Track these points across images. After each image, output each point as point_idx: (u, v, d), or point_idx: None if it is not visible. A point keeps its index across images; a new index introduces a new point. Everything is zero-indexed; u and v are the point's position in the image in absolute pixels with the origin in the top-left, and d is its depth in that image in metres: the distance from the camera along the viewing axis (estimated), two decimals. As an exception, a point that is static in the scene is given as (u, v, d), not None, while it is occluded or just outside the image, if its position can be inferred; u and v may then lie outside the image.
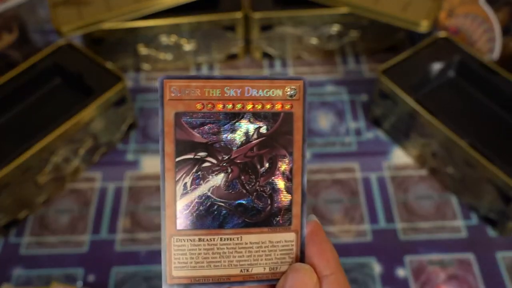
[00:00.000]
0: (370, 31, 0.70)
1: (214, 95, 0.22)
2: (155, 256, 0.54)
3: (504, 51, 0.63)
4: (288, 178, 0.23)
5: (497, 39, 0.62)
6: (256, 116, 0.23)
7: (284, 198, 0.24)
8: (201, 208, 0.23)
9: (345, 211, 0.57)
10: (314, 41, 0.71)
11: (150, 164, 0.61)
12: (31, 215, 0.57)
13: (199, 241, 0.23)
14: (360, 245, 0.54)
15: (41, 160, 0.54)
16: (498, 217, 0.53)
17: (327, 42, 0.71)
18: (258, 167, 0.23)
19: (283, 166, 0.23)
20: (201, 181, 0.23)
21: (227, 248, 0.24)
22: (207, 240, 0.23)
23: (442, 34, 0.62)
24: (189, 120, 0.23)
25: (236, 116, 0.23)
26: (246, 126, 0.23)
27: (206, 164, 0.23)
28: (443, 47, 0.61)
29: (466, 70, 0.60)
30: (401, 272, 0.52)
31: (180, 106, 0.23)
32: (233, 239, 0.24)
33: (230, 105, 0.23)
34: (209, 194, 0.23)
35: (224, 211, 0.23)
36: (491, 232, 0.55)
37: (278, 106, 0.23)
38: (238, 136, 0.23)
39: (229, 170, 0.23)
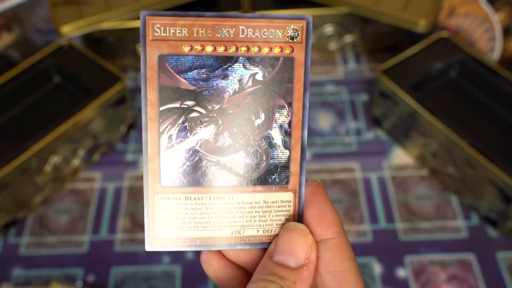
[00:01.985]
0: (370, 31, 0.69)
1: (204, 35, 0.19)
2: (155, 256, 0.53)
3: (505, 51, 0.63)
4: (286, 132, 0.21)
5: (497, 39, 0.62)
6: (251, 60, 0.20)
7: (281, 154, 0.21)
8: (188, 163, 0.20)
9: (345, 211, 0.57)
10: (314, 41, 0.71)
11: (150, 164, 0.61)
12: (31, 215, 0.57)
13: (185, 199, 0.21)
14: (360, 245, 0.54)
15: (40, 160, 0.54)
16: (498, 217, 0.53)
17: (327, 42, 0.71)
18: (253, 118, 0.20)
19: (281, 118, 0.20)
20: (188, 134, 0.20)
21: (216, 208, 0.21)
22: (195, 199, 0.21)
23: (442, 33, 0.62)
24: (175, 63, 0.20)
25: (229, 60, 0.20)
26: (239, 72, 0.20)
27: (194, 114, 0.20)
28: (443, 47, 0.61)
29: (467, 70, 0.60)
30: (401, 272, 0.52)
31: (164, 47, 0.19)
32: (224, 198, 0.21)
33: (222, 48, 0.19)
34: (197, 148, 0.20)
35: (213, 167, 0.21)
36: (491, 232, 0.55)
37: (277, 50, 0.20)
38: (230, 83, 0.20)
39: (220, 122, 0.20)
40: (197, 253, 0.55)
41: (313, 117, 0.66)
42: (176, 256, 0.54)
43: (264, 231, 0.21)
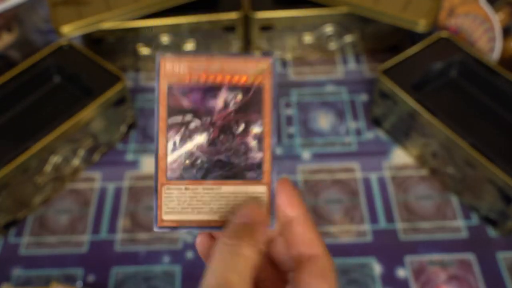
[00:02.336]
0: (370, 31, 0.69)
1: (199, 69, 0.28)
2: (155, 256, 0.53)
3: (505, 51, 0.63)
4: (260, 139, 0.28)
5: (497, 39, 0.62)
6: (233, 87, 0.28)
7: (256, 155, 0.28)
8: (187, 161, 0.28)
9: (345, 211, 0.57)
10: (314, 41, 0.71)
11: (150, 164, 0.61)
12: (31, 215, 0.57)
13: (185, 189, 0.28)
14: (360, 245, 0.54)
15: (40, 160, 0.54)
16: (498, 217, 0.53)
17: (327, 42, 0.71)
18: (235, 129, 0.28)
19: (255, 129, 0.28)
20: (188, 140, 0.28)
21: (208, 196, 0.28)
22: (192, 189, 0.28)
23: (442, 33, 0.62)
24: (179, 90, 0.28)
25: (217, 87, 0.28)
26: (225, 95, 0.28)
27: (192, 125, 0.28)
28: (444, 47, 0.61)
29: (467, 70, 0.60)
30: (401, 273, 0.52)
31: (172, 79, 0.28)
32: (214, 189, 0.28)
33: (212, 78, 0.28)
34: (194, 150, 0.28)
35: (206, 165, 0.28)
36: (491, 232, 0.55)
37: (251, 79, 0.28)
38: (218, 103, 0.28)
39: (211, 131, 0.28)
40: (197, 253, 0.54)
41: (313, 117, 0.66)
42: (176, 256, 0.54)
43: None
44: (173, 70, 0.28)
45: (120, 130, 0.62)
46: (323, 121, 0.66)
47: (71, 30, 0.62)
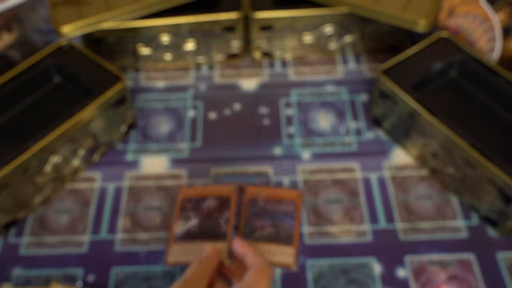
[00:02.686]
0: (370, 31, 0.69)
1: (199, 191, 0.57)
2: (154, 256, 0.54)
3: (505, 51, 0.63)
4: (227, 221, 0.54)
5: (497, 39, 0.62)
6: (213, 197, 0.56)
7: (223, 229, 0.53)
8: (186, 232, 0.54)
9: (345, 211, 0.57)
10: (314, 41, 0.71)
11: (149, 164, 0.61)
12: (31, 215, 0.57)
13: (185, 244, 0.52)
14: (360, 245, 0.54)
15: (40, 160, 0.54)
16: (498, 217, 0.53)
17: (327, 42, 0.71)
18: (214, 216, 0.54)
19: (224, 216, 0.54)
20: (188, 222, 0.54)
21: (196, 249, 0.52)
22: (187, 244, 0.54)
23: (442, 33, 0.62)
24: (187, 200, 0.56)
25: (205, 198, 0.56)
26: (209, 202, 0.55)
27: (191, 215, 0.55)
28: (444, 47, 0.61)
29: (467, 70, 0.60)
30: (401, 272, 0.52)
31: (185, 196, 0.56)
32: (200, 244, 0.52)
33: (202, 193, 0.56)
34: (191, 227, 0.53)
35: (196, 233, 0.53)
36: (491, 232, 0.55)
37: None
38: (205, 205, 0.55)
39: (200, 218, 0.54)
40: (197, 253, 0.55)
41: (313, 117, 0.66)
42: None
43: None
44: (186, 192, 0.56)
45: (120, 130, 0.62)
46: (323, 121, 0.66)
47: (71, 30, 0.62)
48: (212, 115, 0.67)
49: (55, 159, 0.55)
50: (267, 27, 0.68)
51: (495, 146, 0.53)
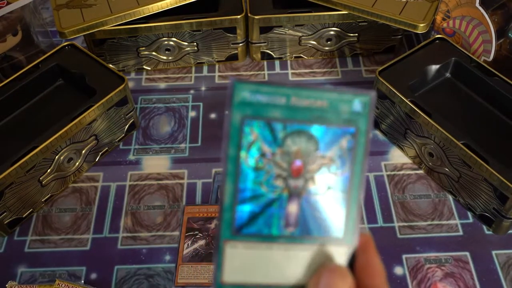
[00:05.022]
0: (368, 32, 0.70)
1: (203, 211, 0.54)
2: (156, 254, 0.54)
3: (499, 52, 0.64)
4: None
5: (492, 41, 0.63)
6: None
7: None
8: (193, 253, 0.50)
9: (343, 210, 0.57)
10: (313, 42, 0.71)
11: (151, 164, 0.62)
12: (35, 213, 0.58)
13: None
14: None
15: (44, 160, 0.55)
16: (493, 216, 0.54)
17: (326, 44, 0.72)
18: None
19: None
20: (195, 243, 0.54)
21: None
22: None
23: (438, 35, 0.63)
24: (193, 220, 0.54)
25: (212, 217, 0.54)
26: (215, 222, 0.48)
27: (198, 236, 0.54)
28: (440, 49, 0.62)
29: (462, 71, 0.61)
30: (398, 270, 0.53)
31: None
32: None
33: (208, 214, 0.55)
34: (197, 248, 0.54)
35: (203, 254, 0.53)
36: (487, 231, 0.55)
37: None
38: (212, 225, 0.56)
39: (207, 239, 0.53)
40: (198, 251, 0.55)
41: (312, 118, 0.67)
42: (177, 255, 0.54)
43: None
44: (191, 210, 0.55)
45: (122, 130, 0.63)
46: (322, 121, 0.66)
47: (73, 32, 0.62)
48: (212, 115, 0.67)
49: (58, 159, 0.56)
50: (267, 28, 0.69)
51: (490, 146, 0.54)
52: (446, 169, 0.57)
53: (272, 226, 0.22)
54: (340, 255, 0.22)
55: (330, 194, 0.22)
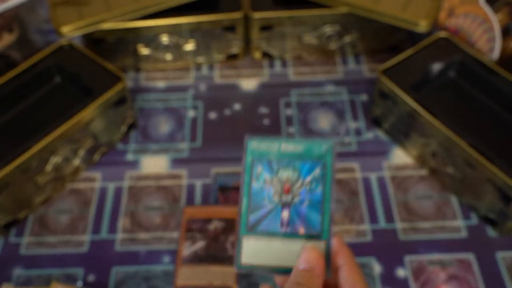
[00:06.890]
0: (370, 31, 0.70)
1: (203, 211, 0.57)
2: (154, 256, 0.54)
3: (504, 51, 0.63)
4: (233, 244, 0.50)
5: (497, 39, 0.62)
6: (218, 219, 0.55)
7: (230, 252, 0.53)
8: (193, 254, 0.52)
9: (345, 211, 0.57)
10: (314, 41, 0.71)
11: (149, 164, 0.61)
12: (31, 215, 0.57)
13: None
14: (360, 245, 0.54)
15: (41, 160, 0.54)
16: (498, 217, 0.53)
17: (327, 42, 0.71)
18: (221, 239, 0.54)
19: (230, 239, 0.54)
20: (194, 244, 0.54)
21: None
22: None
23: (442, 34, 0.62)
24: (193, 221, 0.55)
25: (210, 219, 0.56)
26: (215, 223, 0.55)
27: (198, 237, 0.55)
28: (443, 47, 0.61)
29: (466, 70, 0.60)
30: (401, 272, 0.52)
31: (190, 216, 0.53)
32: None
33: (206, 216, 0.56)
34: (196, 249, 0.53)
35: (204, 255, 0.53)
36: (491, 232, 0.55)
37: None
38: (211, 227, 0.55)
39: (206, 240, 0.54)
40: (197, 253, 0.55)
41: (313, 117, 0.66)
42: (176, 256, 0.54)
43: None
44: (191, 212, 0.55)
45: (120, 130, 0.63)
46: (323, 121, 0.66)
47: (71, 30, 0.62)
48: (212, 115, 0.67)
49: (55, 159, 0.55)
50: (267, 27, 0.68)
51: (495, 146, 0.53)
52: (450, 170, 0.56)
53: (272, 226, 0.33)
54: (319, 246, 0.33)
55: (310, 205, 0.33)
